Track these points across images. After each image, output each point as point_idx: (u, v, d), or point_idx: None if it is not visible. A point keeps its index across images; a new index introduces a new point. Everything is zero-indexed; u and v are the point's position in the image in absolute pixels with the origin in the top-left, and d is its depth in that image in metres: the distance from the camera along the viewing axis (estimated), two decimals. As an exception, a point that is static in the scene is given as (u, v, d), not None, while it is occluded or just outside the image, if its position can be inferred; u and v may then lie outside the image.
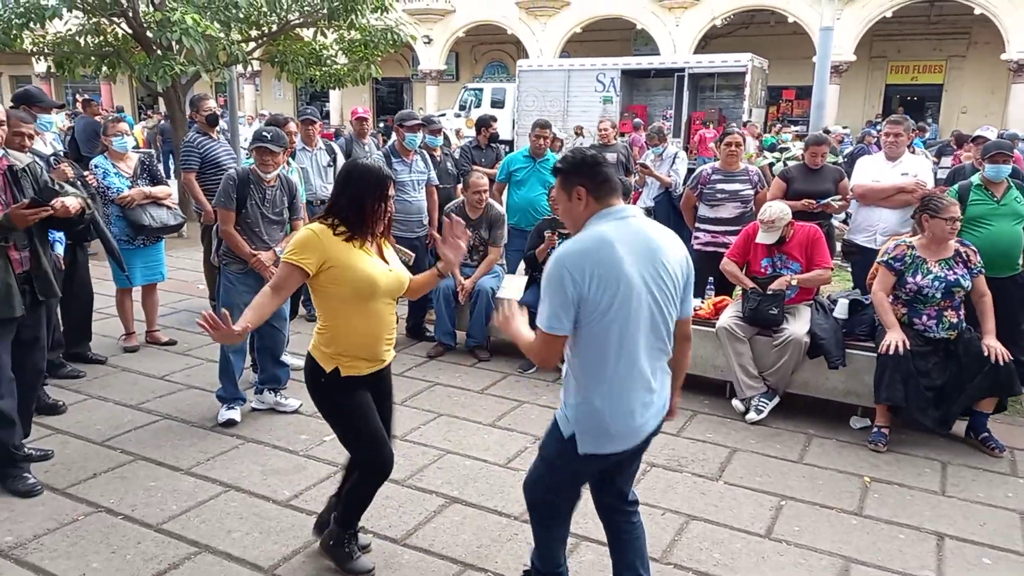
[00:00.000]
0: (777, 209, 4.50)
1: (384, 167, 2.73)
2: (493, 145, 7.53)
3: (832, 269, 4.64)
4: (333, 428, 2.79)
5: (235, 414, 4.28)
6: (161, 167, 6.30)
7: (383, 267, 2.71)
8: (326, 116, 27.55)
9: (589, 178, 2.26)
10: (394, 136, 5.98)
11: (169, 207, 5.37)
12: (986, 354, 3.93)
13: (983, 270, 4.13)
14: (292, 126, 4.85)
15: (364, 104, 23.53)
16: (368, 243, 2.69)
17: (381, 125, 23.61)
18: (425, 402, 4.58)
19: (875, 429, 4.17)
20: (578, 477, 2.43)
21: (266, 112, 24.76)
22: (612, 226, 2.21)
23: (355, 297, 2.63)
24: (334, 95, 28.25)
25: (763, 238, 4.53)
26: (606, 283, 2.14)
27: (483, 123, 7.37)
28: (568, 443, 2.29)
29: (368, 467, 2.78)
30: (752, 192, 5.44)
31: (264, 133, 4.13)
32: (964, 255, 4.11)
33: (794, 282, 4.51)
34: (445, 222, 2.84)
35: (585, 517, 3.00)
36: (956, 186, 4.84)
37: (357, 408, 2.72)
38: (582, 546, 3.08)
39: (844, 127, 17.12)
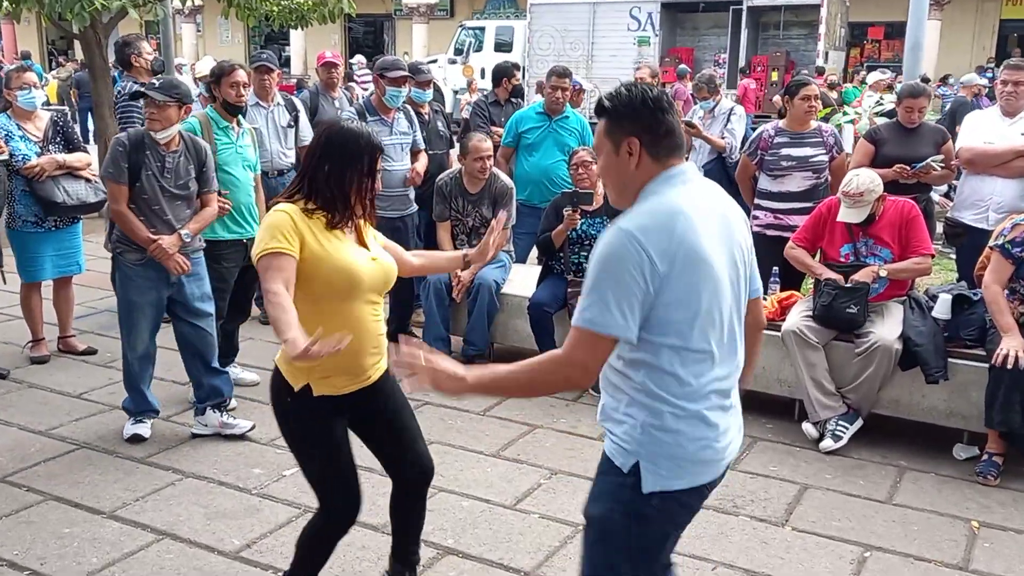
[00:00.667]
0: (866, 178, 4.47)
1: (373, 133, 2.74)
2: (515, 101, 7.50)
3: (933, 256, 4.62)
4: (296, 457, 2.81)
5: (144, 429, 4.36)
6: (78, 128, 6.33)
7: (364, 256, 2.72)
8: (286, 63, 27.62)
9: (649, 127, 2.08)
10: (360, 88, 5.96)
11: (88, 179, 5.40)
12: None
13: None
14: (241, 75, 4.86)
15: (334, 47, 23.52)
16: (346, 226, 2.70)
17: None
18: (411, 426, 4.59)
19: (985, 457, 4.16)
20: (664, 536, 2.21)
21: (211, 58, 24.80)
22: (679, 193, 2.08)
23: (330, 295, 2.64)
24: (296, 36, 28.33)
25: (846, 215, 4.50)
26: (689, 270, 2.01)
27: (503, 72, 7.29)
28: (634, 486, 2.11)
29: (330, 511, 2.80)
30: (827, 158, 5.42)
31: (152, 80, 4.18)
32: None
33: (883, 273, 4.48)
34: (494, 223, 2.94)
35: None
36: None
37: (327, 438, 2.73)
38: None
39: (943, 79, 17.00)
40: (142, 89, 4.16)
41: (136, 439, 4.34)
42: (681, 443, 2.09)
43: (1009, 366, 3.94)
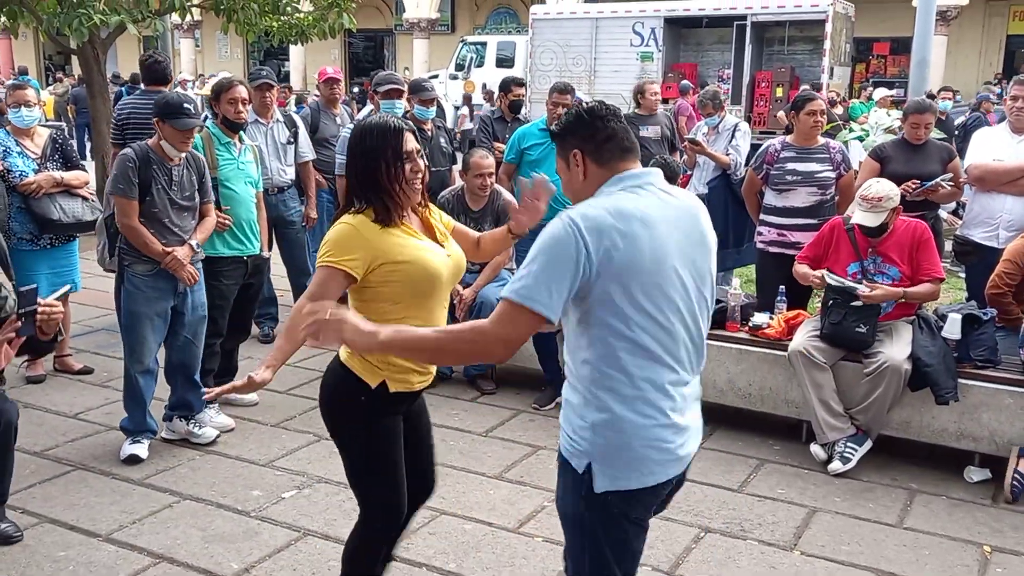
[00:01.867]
0: (887, 186, 4.50)
1: (395, 119, 2.75)
2: (521, 117, 7.51)
3: (943, 280, 4.62)
4: (348, 458, 2.81)
5: (141, 450, 4.41)
6: (75, 145, 6.36)
7: (441, 252, 2.74)
8: (285, 79, 27.74)
9: (587, 137, 2.23)
10: (369, 105, 6.00)
11: (85, 197, 5.41)
12: None
13: None
14: (241, 91, 4.89)
15: (334, 63, 23.55)
16: (407, 221, 2.71)
17: (355, 90, 23.77)
18: (412, 447, 4.59)
19: (1017, 474, 4.10)
20: (625, 538, 2.29)
21: (216, 74, 24.96)
22: (630, 196, 2.18)
23: (413, 295, 2.67)
24: (295, 52, 28.47)
25: (862, 219, 4.46)
26: (630, 265, 2.10)
27: (504, 86, 7.31)
28: (587, 484, 2.22)
29: (380, 517, 2.83)
30: (833, 175, 5.43)
31: (187, 106, 4.24)
32: None
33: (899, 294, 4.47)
34: (525, 182, 2.90)
35: None
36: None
37: (393, 438, 2.78)
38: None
39: (944, 92, 17.07)
40: (194, 121, 4.29)
41: (133, 460, 4.36)
42: (630, 444, 2.19)
43: None
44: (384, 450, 2.77)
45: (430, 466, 3.03)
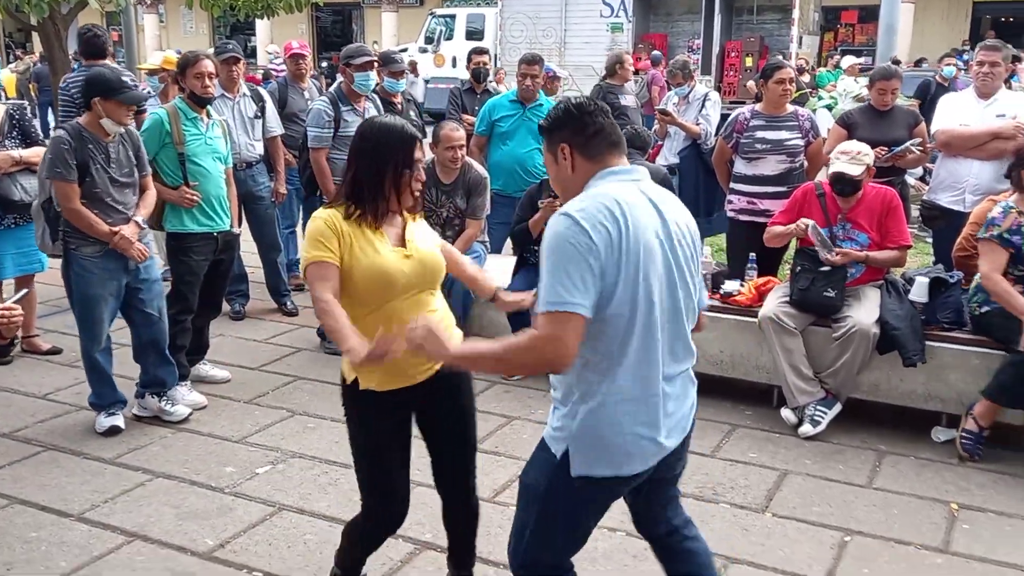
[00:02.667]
0: (862, 144, 4.59)
1: (407, 124, 2.74)
2: (491, 89, 7.54)
3: (910, 248, 4.66)
4: (350, 444, 2.84)
5: (118, 420, 4.40)
6: (37, 123, 6.24)
7: (397, 255, 2.69)
8: (251, 54, 27.35)
9: (576, 131, 2.28)
10: (340, 78, 5.94)
11: (48, 175, 5.31)
12: None
13: None
14: (207, 65, 4.81)
15: (301, 37, 23.23)
16: (389, 223, 2.71)
17: (324, 65, 23.51)
18: (387, 421, 4.58)
19: (971, 432, 4.17)
20: (581, 520, 2.40)
21: (180, 50, 24.52)
22: (618, 187, 2.23)
23: (368, 297, 2.66)
24: (261, 26, 28.04)
25: (844, 168, 4.46)
26: (619, 256, 2.14)
27: (468, 56, 7.44)
28: (561, 467, 2.28)
29: (368, 511, 2.87)
30: (802, 143, 5.45)
31: (125, 78, 4.22)
32: None
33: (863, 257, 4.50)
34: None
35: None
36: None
37: (372, 434, 2.78)
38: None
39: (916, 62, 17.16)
40: (141, 93, 4.19)
41: (114, 431, 4.36)
42: (609, 432, 2.23)
43: None
44: (370, 445, 2.79)
45: (461, 475, 2.94)
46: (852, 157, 4.48)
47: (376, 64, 5.89)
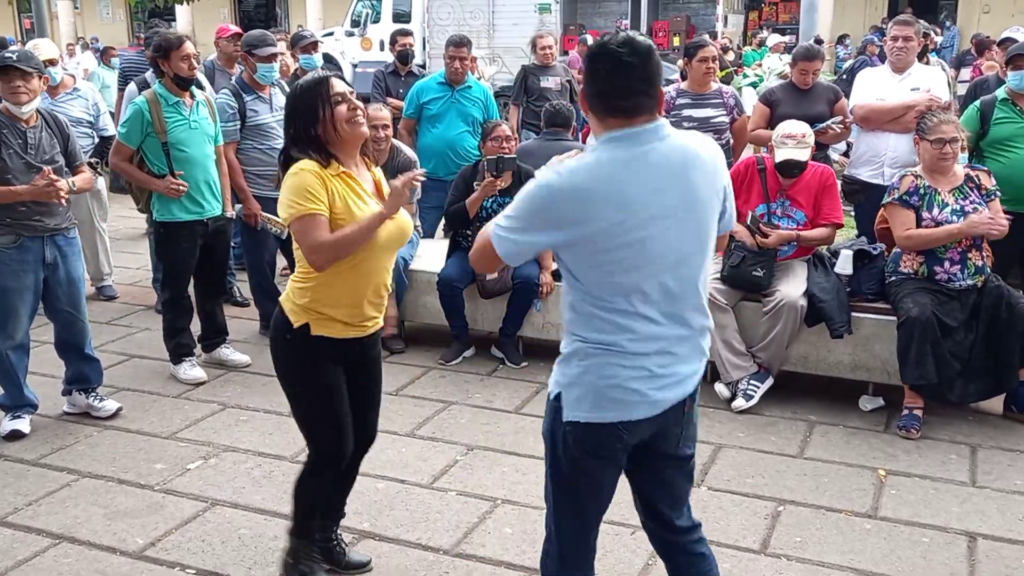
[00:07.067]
0: (803, 125, 4.65)
1: (318, 71, 2.86)
2: (416, 71, 7.46)
3: (842, 226, 4.75)
4: (289, 400, 2.94)
5: (23, 424, 4.28)
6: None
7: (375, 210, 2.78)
8: (173, 41, 26.58)
9: (587, 79, 2.30)
10: (239, 67, 5.72)
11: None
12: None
13: (999, 192, 4.32)
14: (190, 47, 4.58)
15: (223, 22, 22.66)
16: (354, 174, 2.79)
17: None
18: (321, 410, 4.52)
19: (906, 412, 4.28)
20: (586, 467, 2.36)
21: (98, 38, 23.78)
22: (624, 151, 2.20)
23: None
24: (182, 12, 27.24)
25: (793, 154, 4.52)
26: (603, 214, 2.16)
27: (392, 40, 7.36)
28: (558, 407, 2.31)
29: (321, 457, 2.94)
30: (727, 119, 5.51)
31: (6, 53, 4.05)
32: (976, 178, 4.30)
33: (794, 237, 4.58)
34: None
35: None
36: (978, 102, 5.00)
37: (320, 379, 2.85)
38: None
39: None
40: (10, 64, 3.96)
41: (15, 435, 4.21)
42: (593, 379, 2.27)
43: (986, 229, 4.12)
44: (305, 391, 2.88)
45: (374, 420, 3.13)
46: (798, 141, 4.56)
47: (284, 52, 5.71)
